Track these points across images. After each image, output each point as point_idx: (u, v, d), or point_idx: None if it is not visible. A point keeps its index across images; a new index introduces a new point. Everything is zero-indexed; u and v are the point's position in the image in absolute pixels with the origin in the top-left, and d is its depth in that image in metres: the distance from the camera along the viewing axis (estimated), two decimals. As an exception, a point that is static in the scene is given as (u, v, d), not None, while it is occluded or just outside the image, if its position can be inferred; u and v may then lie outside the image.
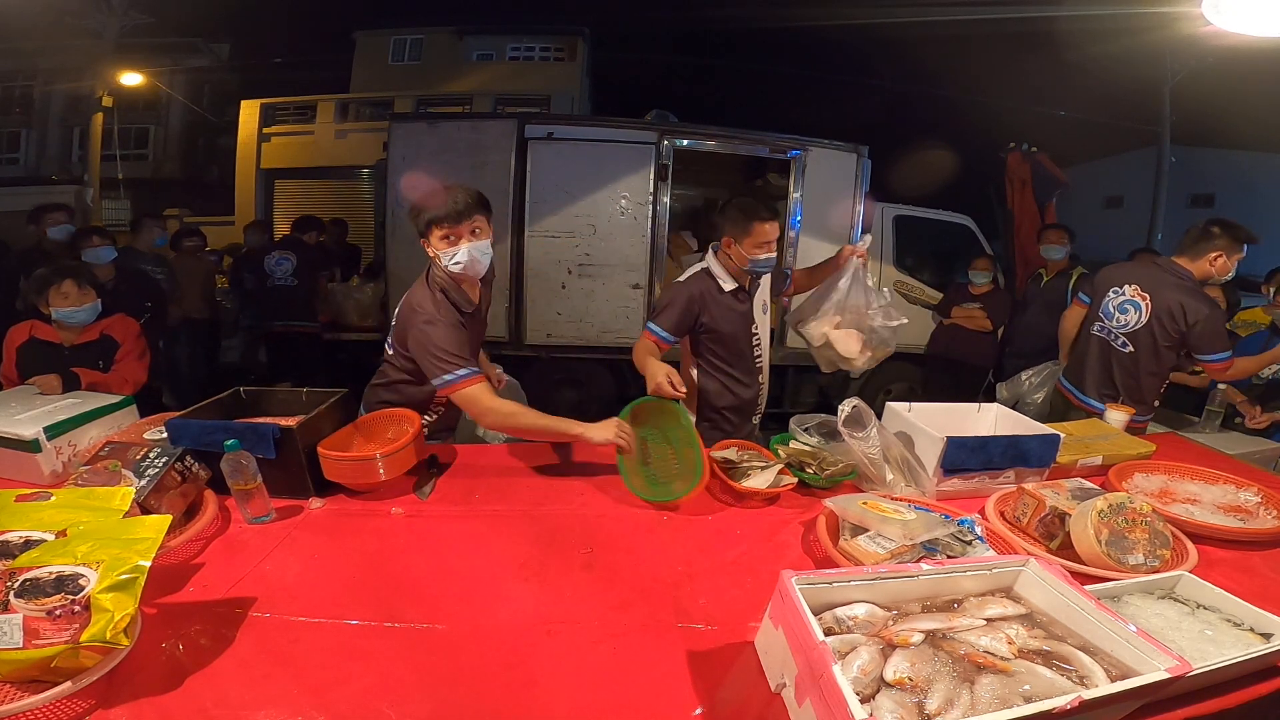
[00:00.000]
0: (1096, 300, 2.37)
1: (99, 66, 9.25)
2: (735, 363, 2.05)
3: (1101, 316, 2.32)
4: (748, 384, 2.09)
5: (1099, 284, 2.38)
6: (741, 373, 2.07)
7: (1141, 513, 1.25)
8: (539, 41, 13.92)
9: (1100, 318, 2.33)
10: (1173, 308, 2.13)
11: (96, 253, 3.11)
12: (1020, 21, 7.82)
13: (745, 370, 2.07)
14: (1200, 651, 0.92)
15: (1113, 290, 2.30)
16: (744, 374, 2.07)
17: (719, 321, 1.98)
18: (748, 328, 2.05)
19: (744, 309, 2.02)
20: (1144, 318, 2.19)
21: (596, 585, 1.15)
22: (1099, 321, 2.33)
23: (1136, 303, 2.22)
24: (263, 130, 11.79)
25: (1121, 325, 2.25)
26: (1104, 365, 2.30)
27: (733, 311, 2.00)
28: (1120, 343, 2.25)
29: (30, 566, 0.87)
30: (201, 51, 15.21)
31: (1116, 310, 2.27)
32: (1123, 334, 2.24)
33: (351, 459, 1.44)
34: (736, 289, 1.99)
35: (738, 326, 2.02)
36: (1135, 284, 2.24)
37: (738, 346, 2.04)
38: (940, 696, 0.77)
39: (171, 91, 14.54)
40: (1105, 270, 2.45)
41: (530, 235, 4.08)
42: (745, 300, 2.02)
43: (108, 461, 1.31)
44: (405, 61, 13.80)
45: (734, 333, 2.01)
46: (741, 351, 2.05)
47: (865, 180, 4.38)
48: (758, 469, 1.55)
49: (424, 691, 0.88)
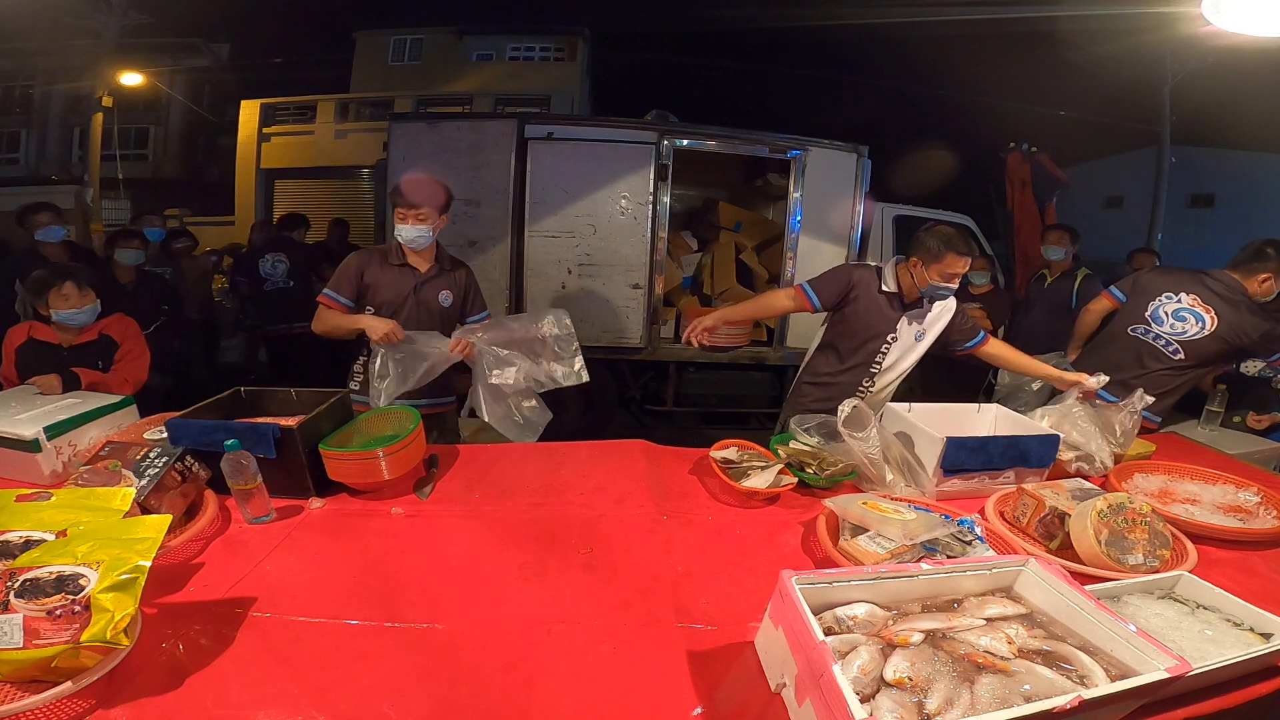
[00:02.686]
0: (1138, 302, 2.36)
1: (99, 66, 9.25)
2: (850, 355, 2.12)
3: (1149, 321, 2.30)
4: (851, 381, 2.13)
5: (1144, 286, 2.37)
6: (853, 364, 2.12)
7: (1141, 513, 1.25)
8: (539, 41, 13.93)
9: (1147, 321, 2.30)
10: (1238, 327, 2.15)
11: (130, 254, 3.15)
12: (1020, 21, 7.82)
13: (858, 365, 2.11)
14: (1200, 651, 0.92)
15: (1165, 296, 2.28)
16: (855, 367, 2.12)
17: (860, 312, 2.06)
18: (884, 334, 2.06)
19: (892, 315, 2.05)
20: (1207, 329, 2.19)
21: (596, 585, 1.15)
22: (1142, 325, 2.31)
23: (1199, 314, 2.21)
24: (263, 130, 11.81)
25: (1176, 332, 2.24)
26: (1138, 366, 2.29)
27: (879, 312, 2.05)
28: (1172, 349, 2.24)
29: (30, 566, 0.87)
30: (201, 51, 15.19)
31: (1170, 317, 2.26)
32: (1177, 341, 2.23)
33: (354, 457, 1.44)
34: (894, 294, 2.04)
35: (874, 327, 2.06)
36: (1194, 295, 2.23)
37: (862, 343, 2.09)
38: (940, 696, 0.77)
39: (171, 91, 14.54)
40: (1150, 274, 2.46)
41: (530, 235, 4.07)
42: (899, 310, 2.04)
43: (108, 461, 1.31)
44: (405, 61, 13.81)
45: (866, 330, 2.07)
46: (866, 349, 2.09)
47: (865, 180, 4.37)
48: (758, 469, 1.56)
49: (424, 691, 0.88)
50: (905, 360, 2.12)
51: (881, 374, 2.12)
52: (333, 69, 13.54)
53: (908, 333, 2.08)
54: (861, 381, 2.13)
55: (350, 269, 2.07)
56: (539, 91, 12.90)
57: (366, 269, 2.07)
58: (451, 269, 2.19)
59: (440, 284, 2.14)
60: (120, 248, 3.17)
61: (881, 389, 2.15)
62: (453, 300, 2.17)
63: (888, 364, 2.11)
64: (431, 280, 2.12)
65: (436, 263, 2.15)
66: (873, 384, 2.13)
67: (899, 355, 2.10)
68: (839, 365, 2.14)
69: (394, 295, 2.07)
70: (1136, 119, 10.80)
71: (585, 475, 1.63)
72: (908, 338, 2.08)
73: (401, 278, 2.08)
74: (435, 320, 2.12)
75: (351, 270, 2.06)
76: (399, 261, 2.08)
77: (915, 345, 2.10)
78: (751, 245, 5.08)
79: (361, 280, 2.06)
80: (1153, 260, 4.17)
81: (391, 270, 2.08)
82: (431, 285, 2.12)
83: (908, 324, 2.07)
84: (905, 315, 2.05)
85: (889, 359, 2.10)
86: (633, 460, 1.75)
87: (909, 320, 2.06)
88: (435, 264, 2.14)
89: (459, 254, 4.09)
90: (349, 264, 2.08)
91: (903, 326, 2.07)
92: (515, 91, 12.84)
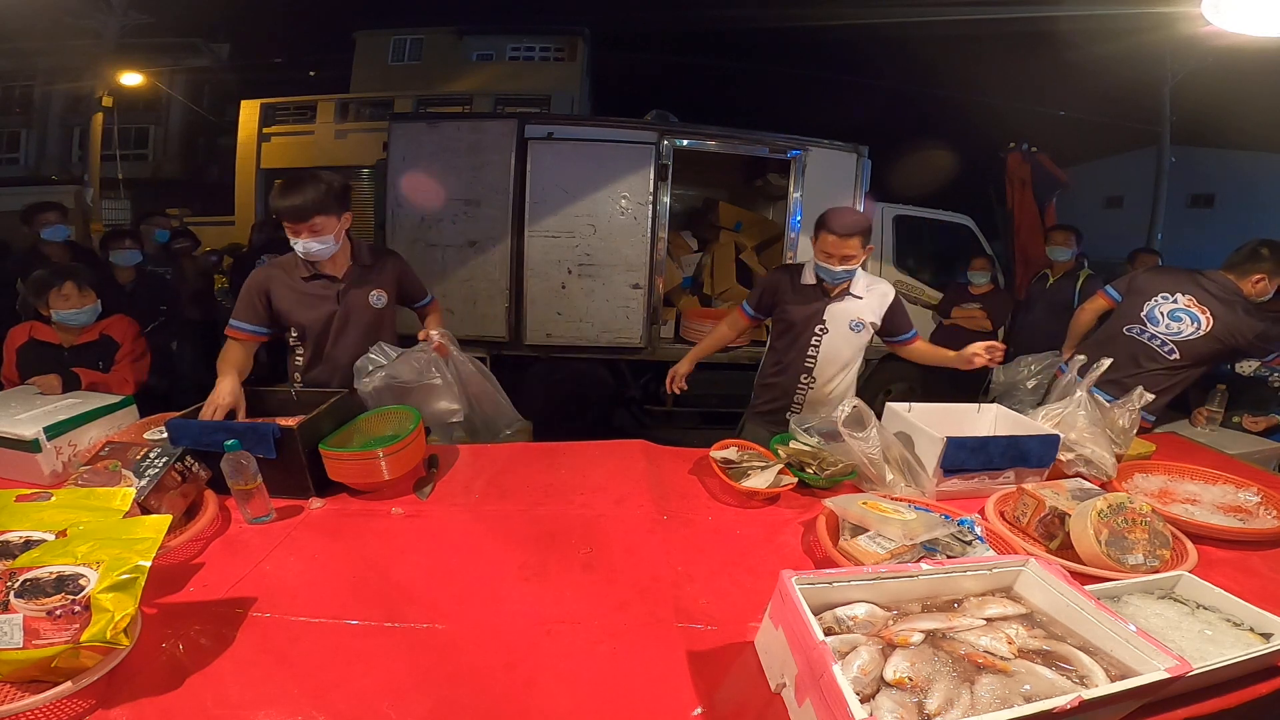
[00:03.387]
0: (1134, 302, 2.38)
1: (99, 66, 9.24)
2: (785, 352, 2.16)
3: (1145, 321, 2.32)
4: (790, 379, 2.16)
5: (1140, 286, 2.39)
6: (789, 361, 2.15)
7: (1141, 513, 1.25)
8: (539, 41, 13.92)
9: (1143, 321, 2.32)
10: (1235, 328, 2.16)
11: (125, 255, 3.12)
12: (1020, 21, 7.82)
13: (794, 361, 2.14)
14: (1200, 651, 0.92)
15: (1161, 296, 2.30)
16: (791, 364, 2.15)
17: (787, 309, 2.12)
18: (811, 327, 2.09)
19: (817, 307, 2.07)
20: (1202, 330, 2.20)
21: (596, 585, 1.15)
22: (1138, 325, 2.33)
23: (1195, 315, 2.23)
24: (263, 130, 11.80)
25: (1172, 333, 2.26)
26: (1134, 365, 2.30)
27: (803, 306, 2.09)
28: (1168, 349, 2.26)
29: (30, 566, 0.87)
30: (201, 51, 15.20)
31: (1166, 317, 2.27)
32: (1172, 341, 2.25)
33: (354, 458, 1.45)
34: (814, 286, 2.08)
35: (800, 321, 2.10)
36: (1190, 295, 2.25)
37: (794, 340, 2.13)
38: (940, 696, 0.77)
39: (171, 91, 14.55)
40: (1146, 274, 2.48)
41: (530, 235, 4.08)
42: (822, 300, 2.07)
43: (108, 461, 1.31)
44: (405, 61, 13.81)
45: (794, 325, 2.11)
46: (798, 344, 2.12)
47: (865, 180, 4.38)
48: (758, 469, 1.56)
49: (424, 691, 0.88)
50: (844, 352, 2.11)
51: (820, 368, 2.11)
52: (333, 69, 13.55)
53: (840, 324, 2.07)
54: (800, 379, 2.13)
55: (251, 293, 1.80)
56: (539, 91, 12.88)
57: (272, 289, 1.81)
58: (373, 262, 1.94)
59: (367, 284, 1.91)
60: (114, 249, 3.14)
61: (826, 384, 2.14)
62: (386, 298, 1.95)
63: (824, 357, 2.10)
64: (355, 284, 1.88)
65: (354, 261, 1.88)
66: (813, 380, 2.13)
67: (835, 348, 2.09)
68: (778, 364, 2.18)
69: (316, 313, 1.85)
70: (1136, 119, 10.81)
71: (585, 475, 1.63)
72: (840, 328, 2.07)
73: (319, 291, 1.84)
74: (374, 325, 1.92)
75: (253, 293, 1.80)
76: (310, 274, 1.83)
77: (853, 336, 2.10)
78: (751, 245, 5.08)
79: (269, 304, 1.82)
80: (1154, 260, 4.17)
81: (304, 285, 1.83)
82: (357, 290, 1.88)
83: (838, 315, 2.06)
84: (830, 305, 2.05)
85: (824, 352, 2.09)
86: (633, 460, 1.74)
87: (837, 311, 2.06)
88: (352, 263, 1.88)
89: (459, 254, 4.17)
90: (249, 287, 1.82)
91: (832, 317, 2.06)
92: (515, 91, 12.82)
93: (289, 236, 1.74)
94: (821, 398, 2.15)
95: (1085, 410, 1.69)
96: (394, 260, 2.03)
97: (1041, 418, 1.75)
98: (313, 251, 1.75)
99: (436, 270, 4.14)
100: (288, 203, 1.68)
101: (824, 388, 2.15)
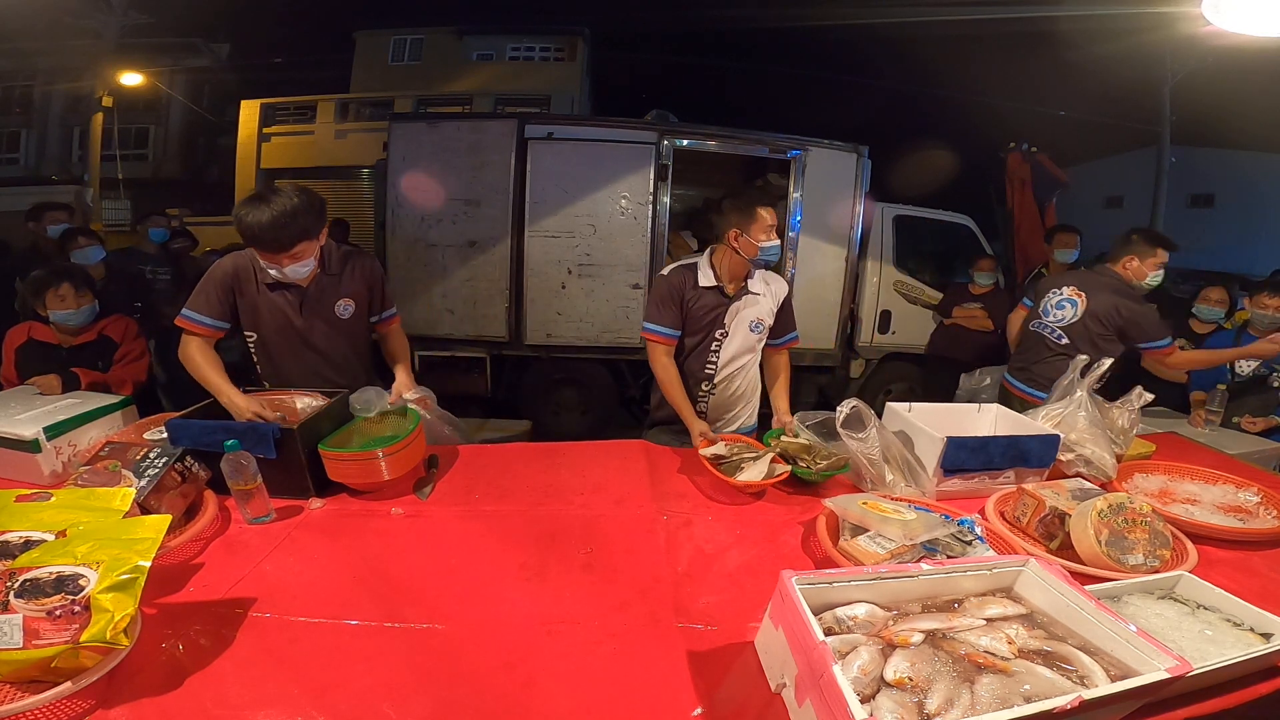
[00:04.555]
0: (1038, 302, 2.60)
1: (99, 66, 9.25)
2: (686, 355, 2.00)
3: (1041, 315, 2.55)
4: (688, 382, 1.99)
5: (1041, 289, 2.62)
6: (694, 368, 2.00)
7: (1141, 513, 1.25)
8: (539, 41, 13.91)
9: (1040, 315, 2.55)
10: (1105, 306, 2.34)
11: (85, 253, 3.06)
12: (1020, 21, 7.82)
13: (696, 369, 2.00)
14: (1200, 651, 0.92)
15: (1052, 291, 2.54)
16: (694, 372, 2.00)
17: (691, 312, 1.94)
18: (712, 331, 1.95)
19: (719, 309, 1.93)
20: (1079, 313, 2.40)
21: (596, 585, 1.15)
22: (1037, 319, 2.57)
23: (1073, 300, 2.44)
24: (263, 130, 11.78)
25: (1058, 319, 2.47)
26: (1037, 355, 2.53)
27: (704, 309, 1.92)
28: (1057, 335, 2.46)
29: (30, 567, 0.87)
30: (201, 51, 15.19)
31: (1054, 308, 2.50)
32: (1060, 327, 2.45)
33: (354, 458, 1.44)
34: (713, 288, 1.92)
35: (702, 325, 1.94)
36: (1073, 285, 2.47)
37: (694, 339, 1.98)
38: (940, 696, 0.77)
39: (171, 91, 14.54)
40: (1048, 278, 2.77)
41: (530, 235, 4.08)
42: (724, 301, 1.93)
43: (108, 462, 1.31)
44: (405, 61, 13.79)
45: (696, 330, 1.95)
46: (697, 344, 1.97)
47: (865, 180, 4.38)
48: (750, 461, 1.56)
49: (424, 691, 0.88)
50: (743, 355, 1.99)
51: (720, 373, 1.99)
52: (333, 69, 13.53)
53: (740, 326, 1.95)
54: (701, 386, 1.99)
55: (214, 283, 1.67)
56: (539, 91, 12.87)
57: (238, 288, 1.69)
58: (341, 269, 1.79)
59: (334, 293, 1.78)
60: (72, 249, 3.01)
61: (727, 389, 2.03)
62: (354, 307, 1.82)
63: (724, 362, 1.98)
64: (320, 296, 1.76)
65: (321, 269, 1.74)
66: (714, 387, 2.00)
67: (736, 352, 1.97)
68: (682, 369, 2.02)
69: (274, 325, 1.73)
70: (1136, 119, 10.81)
71: (585, 475, 1.63)
72: (741, 330, 1.95)
73: (279, 302, 1.72)
74: (341, 338, 1.82)
75: (218, 285, 1.67)
76: (273, 281, 1.69)
77: (753, 338, 1.98)
78: (752, 245, 5.07)
79: (233, 300, 1.69)
80: None
81: (265, 293, 1.71)
82: (323, 301, 1.77)
83: (739, 317, 1.94)
84: (731, 306, 1.92)
85: (724, 357, 1.97)
86: (633, 460, 1.75)
87: (739, 311, 1.93)
88: (320, 269, 1.74)
89: (459, 254, 4.17)
90: (214, 278, 1.67)
91: (733, 319, 1.94)
92: (515, 91, 12.81)
93: (263, 263, 1.61)
94: (724, 402, 2.05)
95: (1085, 410, 1.69)
96: (365, 263, 1.87)
97: (1041, 418, 1.75)
98: (292, 277, 1.65)
99: (436, 270, 4.14)
100: (268, 234, 1.53)
101: (725, 393, 2.03)
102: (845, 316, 4.60)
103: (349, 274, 1.82)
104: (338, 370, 1.83)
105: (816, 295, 4.45)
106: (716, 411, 2.06)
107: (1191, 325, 3.16)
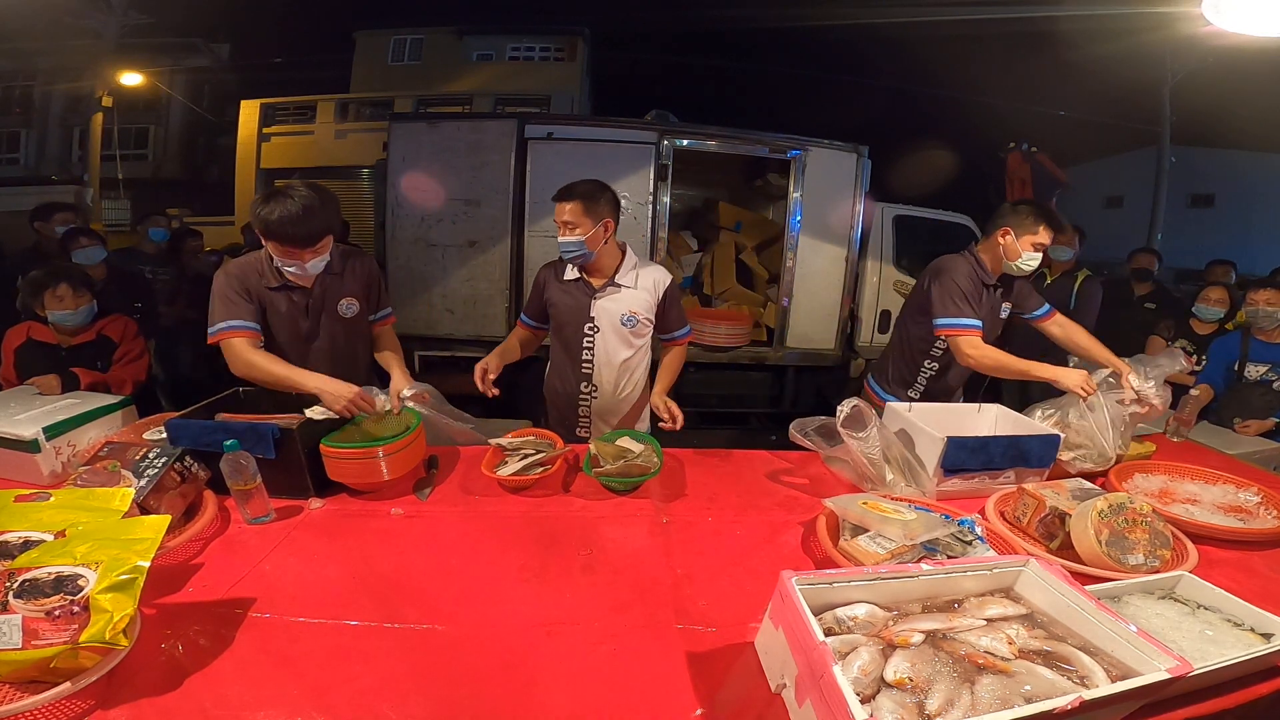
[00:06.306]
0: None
1: (99, 66, 9.26)
2: (560, 354, 1.98)
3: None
4: (571, 386, 1.97)
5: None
6: (569, 367, 1.96)
7: (1141, 513, 1.25)
8: (539, 41, 13.92)
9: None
10: (923, 276, 2.07)
11: (86, 253, 3.07)
12: (1020, 21, 7.83)
13: (571, 366, 1.96)
14: (1201, 651, 0.92)
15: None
16: (570, 370, 1.96)
17: (556, 307, 1.92)
18: (580, 324, 1.90)
19: (584, 301, 1.89)
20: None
21: (596, 586, 1.15)
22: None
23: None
24: (263, 130, 11.80)
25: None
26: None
27: (568, 301, 1.90)
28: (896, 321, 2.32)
29: (29, 567, 0.87)
30: (201, 51, 15.20)
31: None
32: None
33: (354, 455, 1.44)
34: (577, 280, 1.89)
35: (570, 319, 1.91)
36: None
37: (566, 341, 1.93)
38: (940, 697, 0.77)
39: (171, 91, 14.55)
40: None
41: (530, 235, 4.08)
42: (588, 294, 1.88)
43: (107, 462, 1.31)
44: (405, 61, 13.80)
45: (564, 324, 1.93)
46: (568, 342, 1.94)
47: (865, 180, 4.38)
48: (519, 458, 1.56)
49: (424, 692, 0.88)
50: (621, 351, 1.92)
51: (599, 372, 1.93)
52: (333, 69, 13.53)
53: (609, 319, 1.88)
54: (581, 388, 1.94)
55: (230, 289, 1.64)
56: (539, 91, 12.87)
57: (254, 289, 1.68)
58: (342, 268, 1.79)
59: (337, 292, 1.78)
60: (74, 249, 3.03)
61: (612, 391, 1.95)
62: (358, 306, 1.82)
63: (601, 360, 1.92)
64: (325, 296, 1.76)
65: (325, 270, 1.72)
66: (595, 389, 1.94)
67: (610, 348, 1.90)
68: (558, 374, 2.01)
69: (287, 322, 1.74)
70: (1136, 119, 10.82)
71: (585, 475, 1.63)
72: (612, 324, 1.88)
73: (286, 304, 1.72)
74: (345, 337, 1.82)
75: (233, 290, 1.65)
76: (278, 283, 1.69)
77: (628, 333, 1.90)
78: (751, 245, 5.08)
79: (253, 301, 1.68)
80: (1152, 260, 4.16)
81: (271, 295, 1.70)
82: (328, 301, 1.77)
83: (605, 310, 1.87)
84: (595, 299, 1.87)
85: (599, 355, 1.90)
86: (633, 460, 1.74)
87: (604, 305, 1.87)
88: (324, 271, 1.72)
89: (459, 254, 4.17)
90: (228, 284, 1.65)
91: (600, 313, 1.87)
92: (515, 91, 12.82)
93: (279, 260, 1.60)
94: (611, 407, 1.98)
95: (1085, 410, 1.69)
96: (363, 262, 1.87)
97: (1040, 416, 1.75)
98: (311, 272, 1.64)
99: (436, 270, 4.14)
100: (296, 228, 1.53)
101: (611, 395, 1.96)
102: (845, 316, 4.60)
103: (350, 273, 1.82)
104: (343, 370, 1.81)
105: (816, 295, 4.45)
106: (601, 417, 1.99)
107: (1192, 325, 3.14)
